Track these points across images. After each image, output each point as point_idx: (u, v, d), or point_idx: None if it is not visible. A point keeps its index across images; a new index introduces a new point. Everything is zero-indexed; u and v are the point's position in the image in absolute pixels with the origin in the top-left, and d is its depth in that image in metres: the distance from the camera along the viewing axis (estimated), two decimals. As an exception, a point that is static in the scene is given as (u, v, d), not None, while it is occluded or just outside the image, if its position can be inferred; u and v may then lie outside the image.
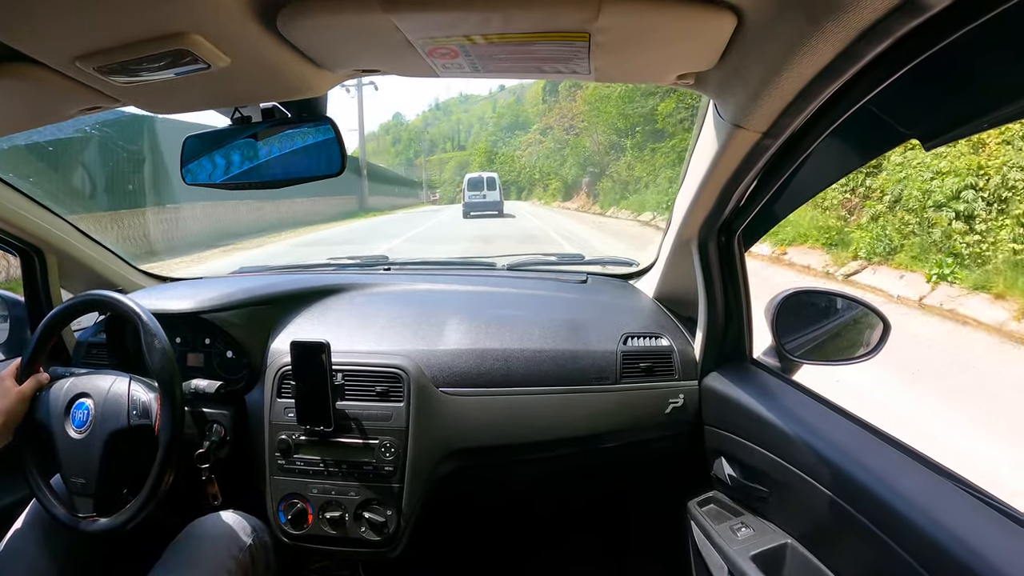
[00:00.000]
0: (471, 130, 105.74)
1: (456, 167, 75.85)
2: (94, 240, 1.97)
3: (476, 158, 65.00)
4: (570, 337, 1.66)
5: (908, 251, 8.04)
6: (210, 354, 1.65)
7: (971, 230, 7.50)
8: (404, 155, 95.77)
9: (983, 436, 4.01)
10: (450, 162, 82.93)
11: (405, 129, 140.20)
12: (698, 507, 1.56)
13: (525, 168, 54.77)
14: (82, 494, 1.30)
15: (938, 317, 6.67)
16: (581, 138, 34.16)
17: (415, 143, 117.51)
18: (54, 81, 0.94)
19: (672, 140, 21.44)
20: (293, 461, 1.49)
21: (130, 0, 0.70)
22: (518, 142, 50.65)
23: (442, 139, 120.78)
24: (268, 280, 1.91)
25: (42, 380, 1.38)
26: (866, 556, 1.07)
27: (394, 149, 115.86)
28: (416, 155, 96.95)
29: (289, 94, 1.09)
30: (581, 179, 35.73)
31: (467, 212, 26.20)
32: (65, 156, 11.48)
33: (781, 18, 0.73)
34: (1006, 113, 0.79)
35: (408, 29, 0.80)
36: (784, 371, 1.54)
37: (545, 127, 51.45)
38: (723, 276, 1.55)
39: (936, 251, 7.68)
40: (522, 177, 55.29)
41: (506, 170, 54.49)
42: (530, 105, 56.43)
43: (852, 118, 0.94)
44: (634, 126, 25.21)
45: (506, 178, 50.34)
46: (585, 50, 0.85)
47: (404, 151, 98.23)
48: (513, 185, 52.91)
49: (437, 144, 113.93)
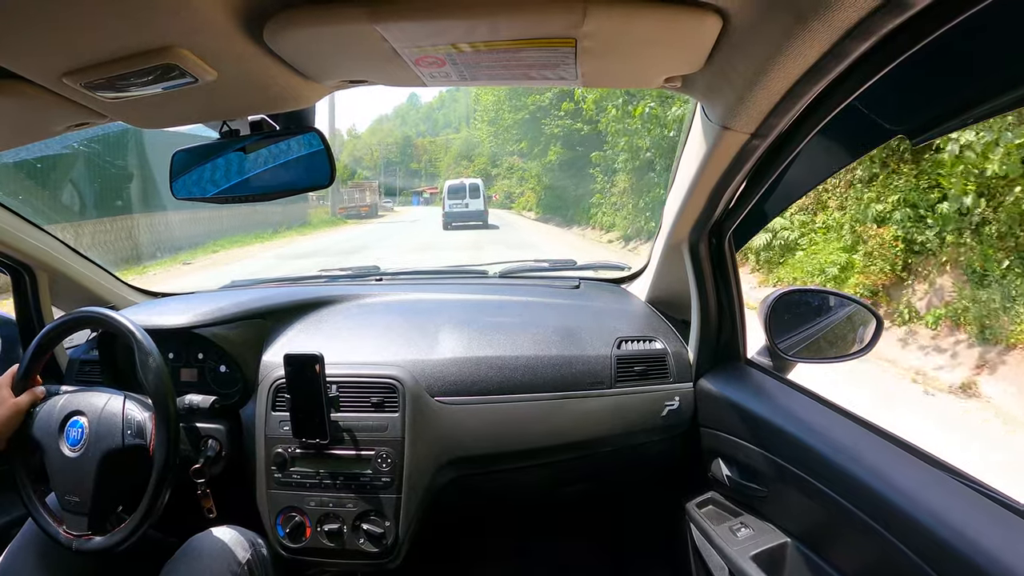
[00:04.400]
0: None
1: (463, 146, 71.27)
2: (84, 257, 1.96)
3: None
4: (564, 343, 1.66)
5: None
6: (203, 369, 1.65)
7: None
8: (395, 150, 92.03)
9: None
10: (454, 145, 77.55)
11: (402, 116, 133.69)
12: (697, 508, 1.56)
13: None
14: (76, 512, 1.29)
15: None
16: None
17: (421, 125, 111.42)
18: (41, 98, 0.93)
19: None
20: (289, 474, 1.49)
21: (117, 15, 0.70)
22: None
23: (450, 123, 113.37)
24: (260, 293, 1.91)
25: (38, 394, 1.36)
26: (867, 552, 1.07)
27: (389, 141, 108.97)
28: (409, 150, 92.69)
29: (277, 106, 1.09)
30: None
31: (448, 223, 25.22)
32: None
33: (767, 19, 0.73)
34: (991, 108, 0.80)
35: (395, 39, 0.80)
36: (778, 370, 1.55)
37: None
38: (715, 277, 1.55)
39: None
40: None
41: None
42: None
43: (839, 117, 0.94)
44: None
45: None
46: (572, 56, 0.86)
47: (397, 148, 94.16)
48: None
49: (440, 124, 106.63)
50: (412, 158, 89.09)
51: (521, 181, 38.98)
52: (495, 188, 48.56)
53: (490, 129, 38.31)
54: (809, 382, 1.45)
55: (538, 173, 30.02)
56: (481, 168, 54.94)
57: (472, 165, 60.22)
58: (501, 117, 33.80)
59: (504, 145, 37.20)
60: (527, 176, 34.43)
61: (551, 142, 26.13)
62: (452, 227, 24.38)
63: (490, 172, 52.37)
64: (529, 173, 33.06)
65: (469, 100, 68.84)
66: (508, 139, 34.87)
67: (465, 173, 52.43)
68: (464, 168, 61.87)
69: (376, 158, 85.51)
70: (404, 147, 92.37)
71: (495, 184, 49.93)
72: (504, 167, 45.83)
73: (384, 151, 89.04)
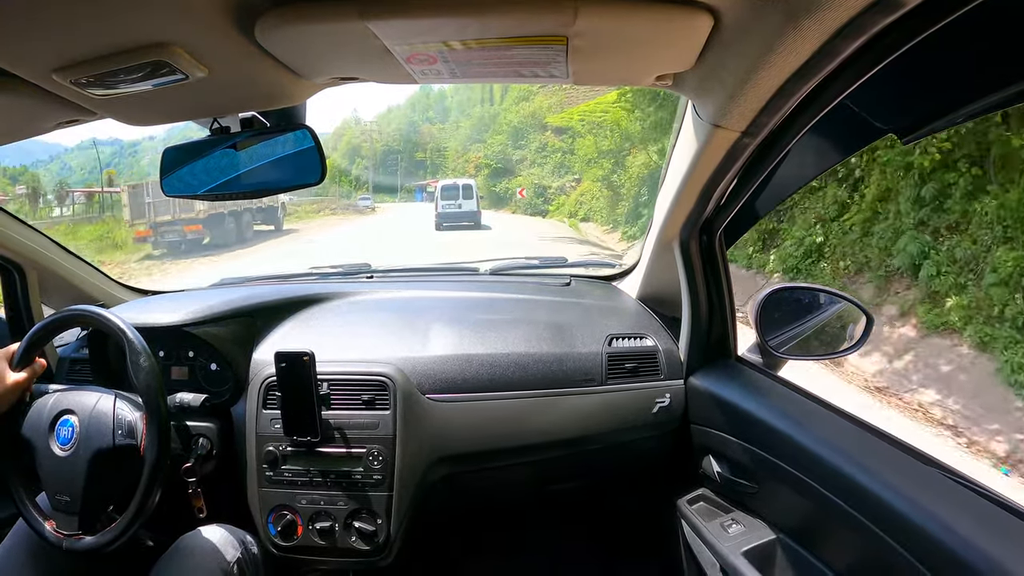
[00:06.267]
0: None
1: (475, 126, 61.69)
2: (74, 255, 1.95)
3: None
4: (555, 340, 1.66)
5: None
6: (194, 367, 1.64)
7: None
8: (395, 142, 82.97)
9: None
10: (464, 127, 67.91)
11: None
12: (688, 505, 1.57)
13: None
14: (67, 512, 1.28)
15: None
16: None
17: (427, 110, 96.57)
18: (31, 95, 0.93)
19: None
20: (281, 472, 1.48)
21: (107, 12, 0.70)
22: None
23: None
24: (250, 291, 1.90)
25: (37, 369, 1.34)
26: (856, 547, 1.08)
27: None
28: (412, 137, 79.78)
29: (267, 103, 1.08)
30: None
31: (440, 223, 24.41)
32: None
33: (758, 17, 0.74)
34: (980, 106, 0.81)
35: (386, 36, 0.80)
36: (769, 367, 1.55)
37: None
38: (706, 275, 1.56)
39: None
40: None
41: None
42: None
43: (830, 115, 0.95)
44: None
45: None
46: (563, 54, 0.86)
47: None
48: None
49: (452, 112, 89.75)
50: (417, 147, 77.69)
51: (562, 170, 29.48)
52: (517, 181, 36.29)
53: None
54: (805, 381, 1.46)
55: (594, 155, 21.14)
56: (498, 151, 44.43)
57: (485, 147, 49.25)
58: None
59: (536, 116, 27.40)
60: (574, 161, 24.57)
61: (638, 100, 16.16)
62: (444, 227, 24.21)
63: (510, 155, 43.39)
64: (583, 154, 22.63)
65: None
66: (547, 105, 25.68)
67: (473, 162, 45.26)
68: (476, 152, 51.37)
69: (376, 147, 78.42)
70: (408, 134, 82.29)
71: (518, 175, 37.89)
72: (533, 147, 36.01)
73: (385, 139, 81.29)
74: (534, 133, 34.28)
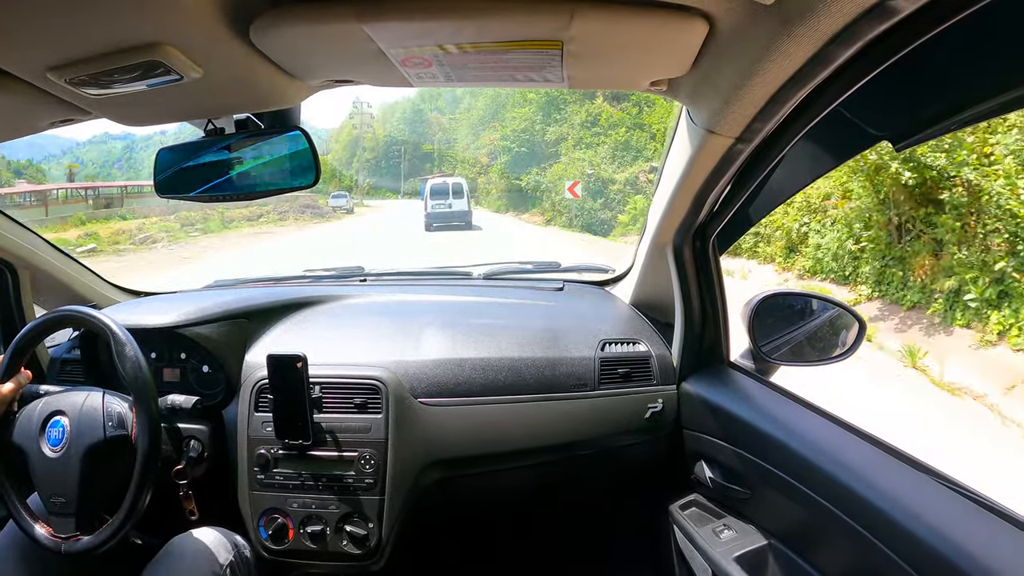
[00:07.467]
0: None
1: (490, 104, 50.85)
2: (67, 255, 1.94)
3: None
4: (548, 345, 1.66)
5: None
6: (186, 369, 1.63)
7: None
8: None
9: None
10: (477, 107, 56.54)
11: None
12: (680, 510, 1.57)
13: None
14: (62, 514, 1.27)
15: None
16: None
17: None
18: (25, 93, 0.93)
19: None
20: (272, 476, 1.48)
21: (103, 11, 0.70)
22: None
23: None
24: (243, 293, 1.90)
25: (22, 381, 1.33)
26: (849, 553, 1.08)
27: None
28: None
29: (262, 105, 1.08)
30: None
31: (430, 224, 23.85)
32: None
33: (752, 23, 0.74)
34: (974, 114, 0.81)
35: (382, 39, 0.80)
36: (761, 373, 1.55)
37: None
38: (699, 281, 1.56)
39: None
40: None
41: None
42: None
43: (824, 121, 0.95)
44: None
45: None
46: (558, 58, 0.86)
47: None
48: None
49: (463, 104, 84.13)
50: (424, 138, 69.99)
51: (625, 154, 22.12)
52: (555, 171, 26.36)
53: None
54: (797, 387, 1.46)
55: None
56: (522, 128, 34.19)
57: (503, 126, 39.44)
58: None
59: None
60: (642, 139, 17.75)
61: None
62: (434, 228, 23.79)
63: (539, 134, 32.78)
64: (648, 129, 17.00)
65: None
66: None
67: (487, 147, 39.75)
68: (492, 133, 43.33)
69: (378, 139, 73.30)
70: (414, 124, 75.79)
71: (553, 162, 27.76)
72: (577, 121, 26.81)
73: (389, 129, 75.75)
74: (575, 103, 26.44)
